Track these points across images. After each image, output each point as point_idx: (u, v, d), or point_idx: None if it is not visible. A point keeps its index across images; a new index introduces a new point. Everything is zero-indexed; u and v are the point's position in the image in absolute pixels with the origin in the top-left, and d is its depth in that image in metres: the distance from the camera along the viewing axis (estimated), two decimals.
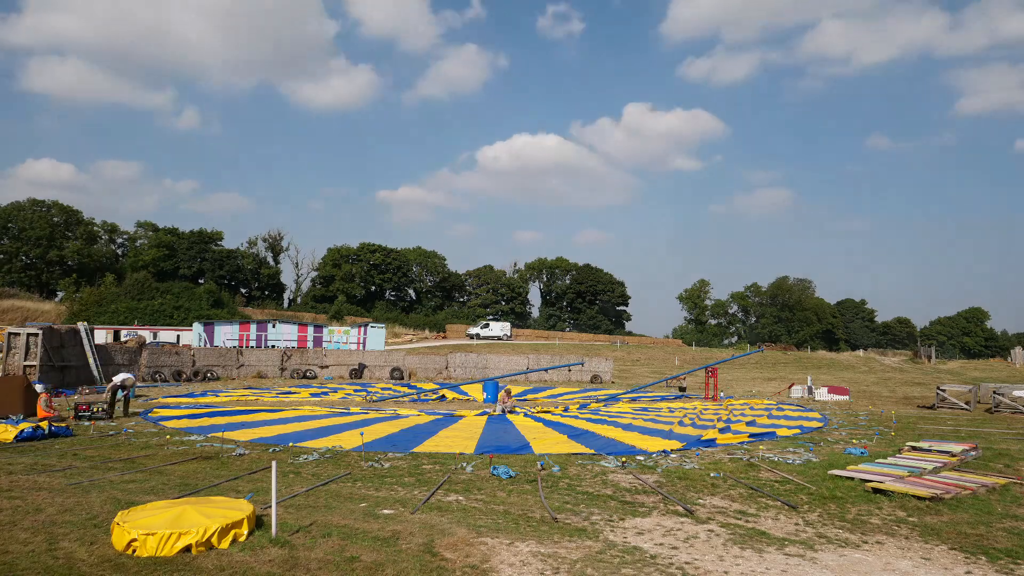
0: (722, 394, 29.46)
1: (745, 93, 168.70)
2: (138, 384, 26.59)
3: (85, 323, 31.03)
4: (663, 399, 28.61)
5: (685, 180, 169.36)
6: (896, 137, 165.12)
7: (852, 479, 10.64)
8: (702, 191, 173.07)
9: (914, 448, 13.74)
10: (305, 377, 36.76)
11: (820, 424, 18.92)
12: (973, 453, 13.45)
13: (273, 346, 41.28)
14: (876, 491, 9.82)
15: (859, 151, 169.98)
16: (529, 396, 28.71)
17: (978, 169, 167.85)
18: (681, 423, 18.03)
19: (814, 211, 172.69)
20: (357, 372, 37.79)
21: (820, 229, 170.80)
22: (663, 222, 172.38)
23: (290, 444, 13.41)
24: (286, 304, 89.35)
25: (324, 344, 42.37)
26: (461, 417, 19.50)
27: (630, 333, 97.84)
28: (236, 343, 41.12)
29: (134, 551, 6.04)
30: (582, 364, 40.61)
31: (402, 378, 37.57)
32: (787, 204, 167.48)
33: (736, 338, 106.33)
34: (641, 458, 12.49)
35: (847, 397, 29.52)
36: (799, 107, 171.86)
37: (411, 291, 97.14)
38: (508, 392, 22.54)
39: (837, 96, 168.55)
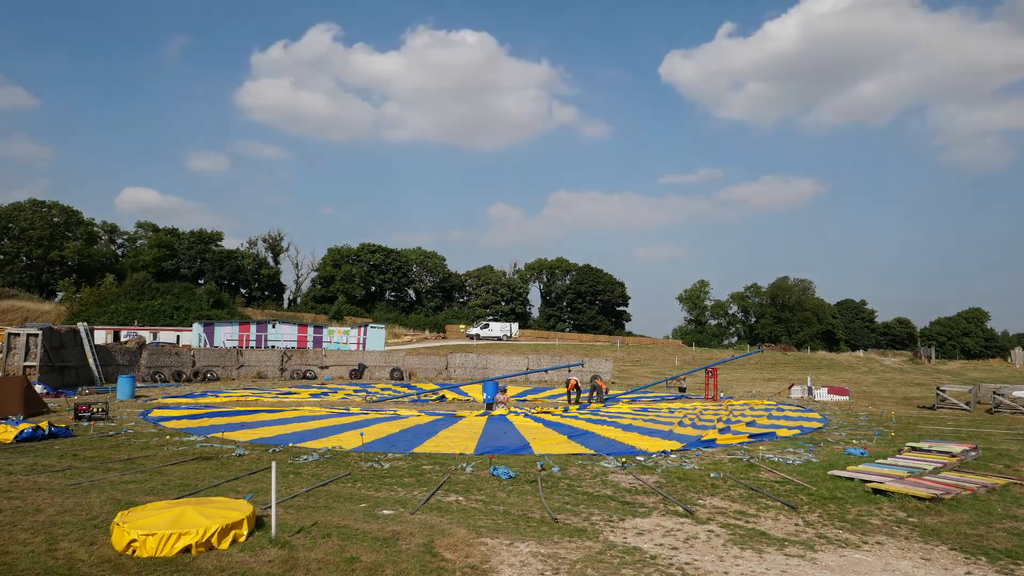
0: (722, 394, 29.45)
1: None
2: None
3: (85, 323, 31.05)
4: (663, 399, 28.60)
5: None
6: (900, 154, 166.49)
7: (852, 480, 10.64)
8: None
9: (914, 448, 13.74)
10: (305, 377, 36.77)
11: (820, 424, 18.92)
12: (973, 454, 13.45)
13: (273, 346, 41.26)
14: (876, 491, 9.82)
15: (864, 159, 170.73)
16: (529, 396, 28.71)
17: (978, 170, 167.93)
18: (681, 423, 18.03)
19: (816, 213, 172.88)
20: (357, 372, 37.80)
21: (821, 229, 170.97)
22: (680, 228, 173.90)
23: (290, 444, 13.42)
24: (286, 304, 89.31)
25: (324, 344, 42.37)
26: (461, 417, 19.51)
27: (630, 333, 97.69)
28: (236, 343, 41.10)
29: (134, 551, 6.05)
30: (582, 365, 40.56)
31: (402, 378, 37.57)
32: (800, 208, 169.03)
33: (736, 338, 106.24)
34: (641, 458, 12.49)
35: (847, 397, 29.48)
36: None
37: (411, 291, 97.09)
38: (503, 390, 23.65)
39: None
